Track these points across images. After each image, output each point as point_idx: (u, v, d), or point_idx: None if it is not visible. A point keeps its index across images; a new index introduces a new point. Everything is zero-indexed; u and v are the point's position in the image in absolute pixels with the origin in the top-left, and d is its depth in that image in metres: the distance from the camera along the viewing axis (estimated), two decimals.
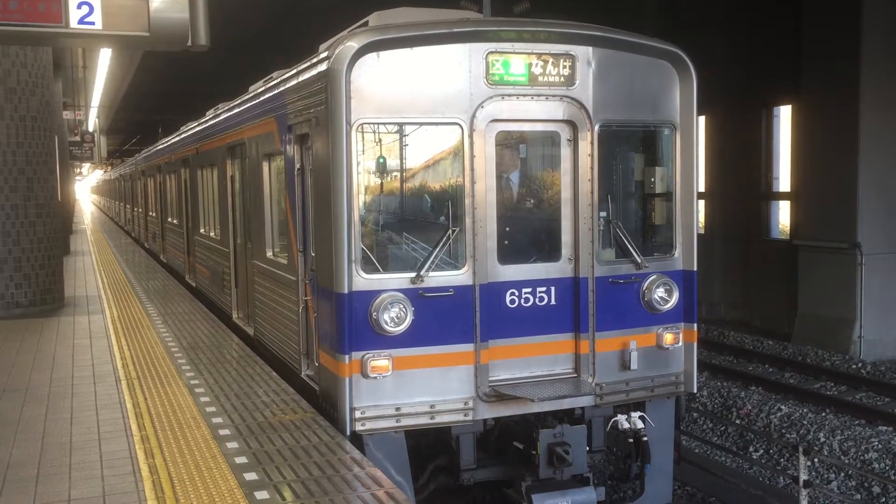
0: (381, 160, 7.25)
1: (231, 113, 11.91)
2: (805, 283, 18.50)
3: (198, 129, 15.42)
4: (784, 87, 19.56)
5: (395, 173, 7.41)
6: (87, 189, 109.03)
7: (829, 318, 17.70)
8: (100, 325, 12.21)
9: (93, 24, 7.25)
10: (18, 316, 13.08)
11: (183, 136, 17.76)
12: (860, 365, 16.28)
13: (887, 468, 11.13)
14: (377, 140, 7.22)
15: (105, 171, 69.41)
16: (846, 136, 17.29)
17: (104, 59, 26.34)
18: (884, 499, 10.46)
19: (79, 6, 7.19)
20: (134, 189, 32.02)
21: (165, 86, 32.34)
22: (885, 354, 17.09)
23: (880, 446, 11.57)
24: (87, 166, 69.68)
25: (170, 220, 20.35)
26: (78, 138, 35.34)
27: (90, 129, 39.21)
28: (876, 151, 17.19)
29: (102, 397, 8.09)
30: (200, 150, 14.72)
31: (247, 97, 10.99)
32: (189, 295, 15.33)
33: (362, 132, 6.99)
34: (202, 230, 14.92)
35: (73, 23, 7.18)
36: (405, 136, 7.32)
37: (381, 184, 7.38)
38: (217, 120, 13.18)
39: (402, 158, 7.38)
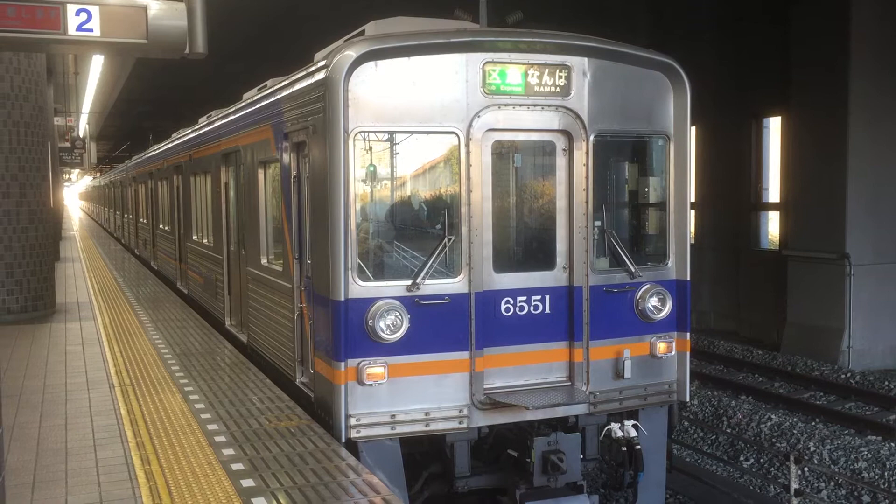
0: (379, 168, 7.29)
1: (226, 120, 11.93)
2: (794, 293, 18.61)
3: (191, 135, 15.42)
4: (773, 99, 19.72)
5: (391, 181, 7.45)
6: (75, 195, 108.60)
7: (818, 328, 17.80)
8: (92, 331, 12.19)
9: (91, 31, 7.25)
10: (10, 322, 13.03)
11: (176, 142, 17.75)
12: (849, 375, 16.38)
13: (877, 477, 11.20)
14: (374, 148, 7.26)
15: (94, 178, 69.19)
16: (835, 147, 17.43)
17: (96, 65, 26.32)
18: None
19: (77, 13, 7.20)
20: (124, 195, 31.94)
21: (156, 93, 32.31)
22: (874, 364, 17.20)
23: (870, 455, 11.65)
24: (76, 172, 69.41)
25: (161, 226, 20.31)
26: (68, 144, 35.22)
27: (80, 134, 39.07)
28: (864, 162, 17.34)
29: (96, 403, 8.09)
30: (194, 157, 14.72)
31: (242, 105, 11.01)
32: (181, 302, 15.32)
33: (360, 140, 7.03)
34: (195, 237, 14.91)
35: (72, 30, 7.18)
36: (402, 144, 7.36)
37: (378, 192, 7.42)
38: (211, 127, 13.19)
39: (398, 167, 7.43)
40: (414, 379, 7.11)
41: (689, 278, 8.14)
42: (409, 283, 7.08)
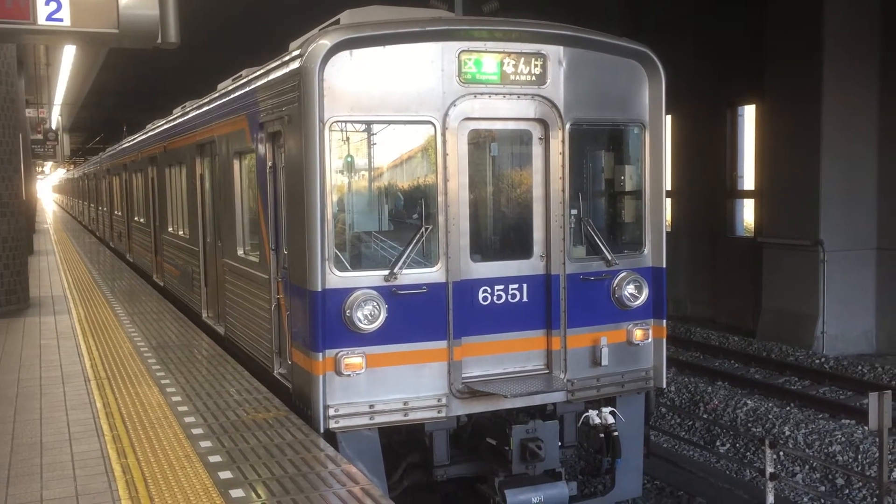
0: (354, 158, 7.26)
1: (201, 111, 11.83)
2: (769, 279, 18.79)
3: (165, 126, 15.28)
4: (748, 87, 19.84)
5: (368, 171, 7.43)
6: (49, 188, 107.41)
7: (793, 315, 17.99)
8: (67, 325, 12.07)
9: (61, 20, 7.16)
10: None
11: (150, 133, 17.59)
12: (823, 360, 16.56)
13: (850, 460, 11.35)
14: (350, 138, 7.23)
15: (68, 170, 68.41)
16: (809, 136, 17.58)
17: (68, 56, 25.96)
18: (847, 490, 10.67)
19: (47, 2, 7.10)
20: (98, 188, 31.62)
21: (130, 84, 31.94)
22: (847, 349, 17.41)
23: (843, 439, 11.80)
24: (49, 165, 68.62)
25: (136, 218, 20.14)
26: (41, 136, 34.79)
27: (53, 126, 38.60)
28: (838, 150, 17.49)
29: (72, 397, 8.02)
30: (168, 148, 14.59)
31: (216, 95, 10.92)
32: (157, 294, 15.20)
33: (335, 130, 6.99)
34: (170, 229, 14.80)
35: (41, 19, 7.08)
36: (378, 134, 7.33)
37: (355, 182, 7.40)
38: (186, 118, 13.07)
39: (374, 157, 7.40)
40: (392, 369, 7.11)
41: (665, 266, 8.19)
42: (386, 272, 7.07)
